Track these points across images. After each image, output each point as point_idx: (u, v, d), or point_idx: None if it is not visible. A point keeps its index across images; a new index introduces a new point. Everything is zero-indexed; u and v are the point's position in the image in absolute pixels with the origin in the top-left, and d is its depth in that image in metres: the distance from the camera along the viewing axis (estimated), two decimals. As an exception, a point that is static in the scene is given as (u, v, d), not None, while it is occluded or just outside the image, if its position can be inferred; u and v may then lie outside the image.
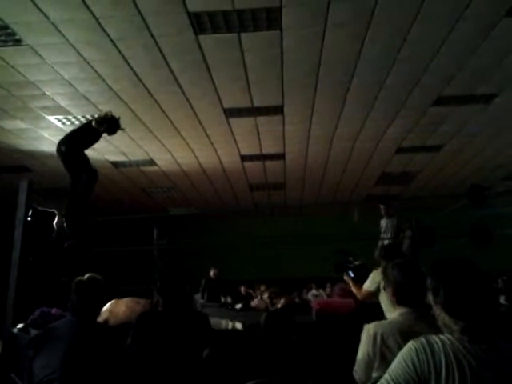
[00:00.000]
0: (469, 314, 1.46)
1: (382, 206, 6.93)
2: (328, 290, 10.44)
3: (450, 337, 1.46)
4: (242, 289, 9.58)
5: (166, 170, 9.55)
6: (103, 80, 5.62)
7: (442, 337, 1.47)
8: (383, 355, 2.10)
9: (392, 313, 2.37)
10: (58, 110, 6.39)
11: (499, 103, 6.59)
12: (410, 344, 1.48)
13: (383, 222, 6.93)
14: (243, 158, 8.96)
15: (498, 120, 7.27)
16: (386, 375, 1.46)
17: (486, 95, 6.35)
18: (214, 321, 4.56)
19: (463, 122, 7.34)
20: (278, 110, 6.72)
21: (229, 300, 7.76)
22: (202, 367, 2.48)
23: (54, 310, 3.69)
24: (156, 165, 9.15)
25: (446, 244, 5.31)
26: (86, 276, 2.72)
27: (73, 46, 4.85)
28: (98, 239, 6.56)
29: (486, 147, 8.63)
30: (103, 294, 2.79)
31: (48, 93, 5.88)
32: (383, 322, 2.26)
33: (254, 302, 7.62)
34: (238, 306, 6.84)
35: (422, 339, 1.48)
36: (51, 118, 6.67)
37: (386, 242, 6.49)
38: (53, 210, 4.54)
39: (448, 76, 5.77)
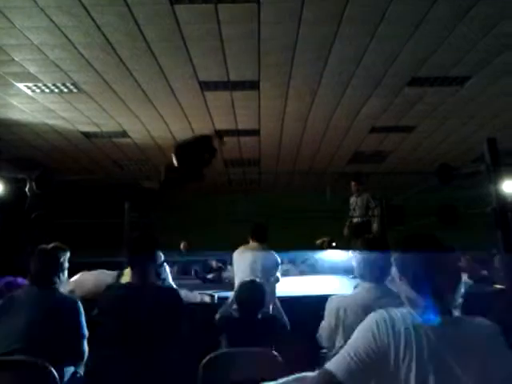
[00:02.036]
0: (434, 291, 1.50)
1: (352, 183, 7.00)
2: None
3: (410, 310, 1.51)
4: (214, 263, 9.61)
5: (138, 143, 9.41)
6: (75, 47, 5.45)
7: (402, 310, 1.52)
8: (344, 327, 2.16)
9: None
10: (27, 76, 6.17)
11: (472, 86, 6.69)
12: (372, 316, 1.52)
13: (353, 200, 7.02)
14: (218, 133, 8.87)
15: (470, 102, 7.39)
16: (347, 346, 1.49)
17: (459, 77, 6.42)
18: (184, 293, 4.58)
19: (437, 103, 7.44)
20: (254, 85, 6.66)
21: (199, 273, 7.79)
22: (172, 341, 2.47)
23: (20, 280, 3.65)
24: (129, 137, 9.00)
25: (414, 222, 5.44)
26: (48, 245, 2.67)
27: (42, 10, 4.67)
28: (69, 211, 6.47)
29: (458, 129, 8.78)
30: (64, 264, 2.73)
31: (17, 58, 5.67)
32: (347, 295, 2.31)
33: (226, 273, 7.65)
34: (210, 275, 6.85)
35: (383, 312, 1.52)
36: (20, 85, 6.45)
37: (355, 220, 6.59)
38: (23, 176, 4.44)
39: (423, 56, 5.81)
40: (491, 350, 1.44)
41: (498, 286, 4.73)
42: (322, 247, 9.91)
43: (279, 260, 4.52)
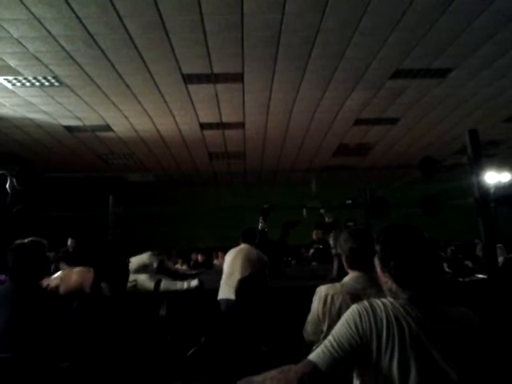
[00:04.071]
0: (417, 284, 1.52)
1: (314, 232, 6.88)
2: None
3: (392, 300, 1.52)
4: (199, 257, 9.61)
5: (122, 137, 9.32)
6: (55, 40, 5.36)
7: (384, 300, 1.53)
8: (331, 317, 2.17)
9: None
10: (7, 70, 6.06)
11: (454, 78, 6.75)
12: (354, 307, 1.53)
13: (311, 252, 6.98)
14: (202, 126, 8.85)
15: (452, 94, 7.45)
16: (330, 337, 1.50)
17: (441, 69, 6.47)
18: (167, 284, 4.57)
19: (419, 95, 7.49)
20: (238, 78, 6.63)
21: (184, 267, 7.77)
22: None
23: (2, 277, 3.60)
24: (112, 130, 8.90)
25: (398, 214, 5.49)
26: (26, 239, 2.60)
27: (21, 2, 4.58)
28: (53, 204, 6.38)
29: (440, 121, 8.86)
30: (42, 258, 2.65)
31: (-4, 51, 5.57)
32: (336, 284, 2.33)
33: (218, 261, 7.62)
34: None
35: (365, 302, 1.53)
36: (0, 79, 6.34)
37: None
38: (3, 172, 4.35)
39: (406, 49, 5.83)
40: (472, 341, 1.46)
41: (480, 276, 4.81)
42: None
43: (264, 257, 4.75)
